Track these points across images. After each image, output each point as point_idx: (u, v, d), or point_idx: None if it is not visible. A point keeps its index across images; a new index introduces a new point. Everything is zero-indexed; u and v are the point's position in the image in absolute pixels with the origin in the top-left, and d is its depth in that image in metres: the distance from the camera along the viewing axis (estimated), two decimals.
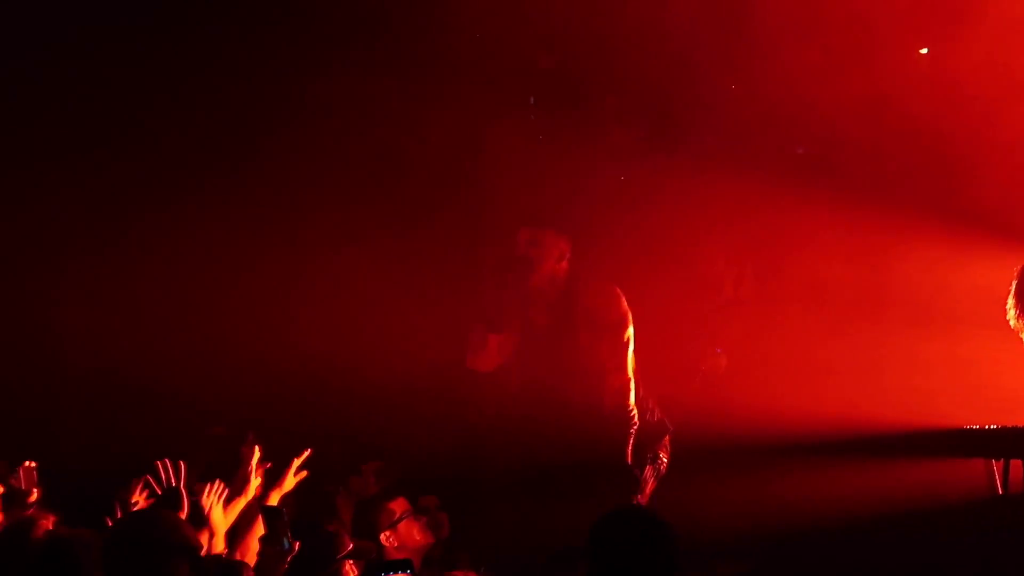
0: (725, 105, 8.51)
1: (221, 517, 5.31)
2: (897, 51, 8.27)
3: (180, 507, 5.22)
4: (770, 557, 6.80)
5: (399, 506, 6.66)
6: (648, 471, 6.91)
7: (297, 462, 5.84)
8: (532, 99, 8.64)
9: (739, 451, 7.02)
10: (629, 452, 6.73)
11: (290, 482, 5.83)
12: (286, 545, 5.21)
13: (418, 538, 6.60)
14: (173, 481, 5.29)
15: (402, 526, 6.63)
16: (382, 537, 6.50)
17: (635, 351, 6.86)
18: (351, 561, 5.57)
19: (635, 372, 6.83)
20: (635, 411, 6.76)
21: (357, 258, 8.21)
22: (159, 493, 5.25)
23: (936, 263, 7.80)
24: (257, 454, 5.60)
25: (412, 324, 8.03)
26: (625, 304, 6.89)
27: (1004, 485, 6.50)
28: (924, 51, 8.51)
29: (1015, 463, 6.46)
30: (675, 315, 7.89)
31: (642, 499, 6.77)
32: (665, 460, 6.88)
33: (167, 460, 5.31)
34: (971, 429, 6.55)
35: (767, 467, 7.00)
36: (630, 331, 6.82)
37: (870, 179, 8.08)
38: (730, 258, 8.52)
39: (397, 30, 8.35)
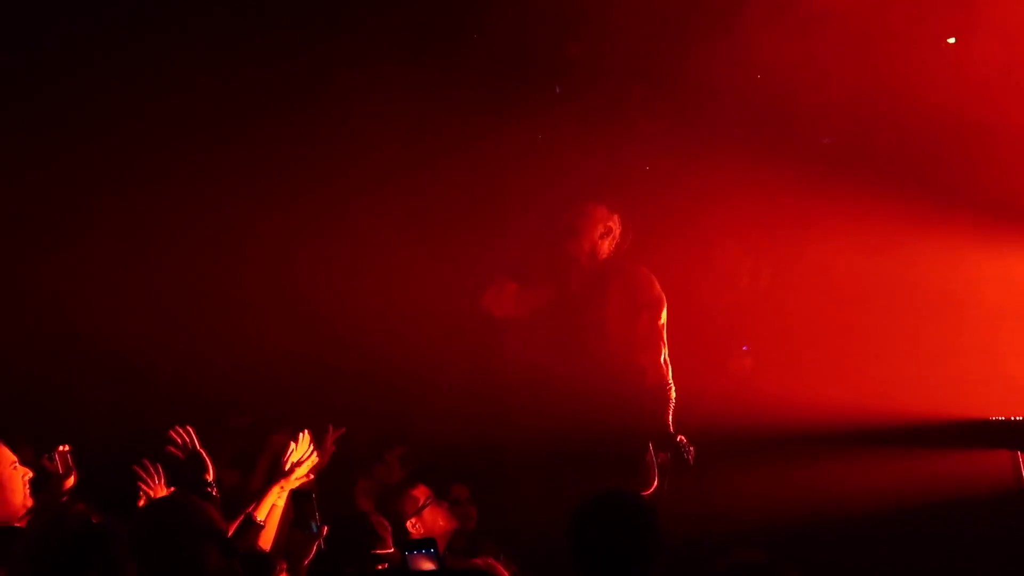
0: (750, 95, 8.49)
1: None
2: (923, 41, 8.24)
3: (205, 468, 5.23)
4: (792, 547, 6.80)
5: (421, 493, 6.70)
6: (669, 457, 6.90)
7: (330, 438, 5.82)
8: (558, 88, 8.65)
9: (762, 443, 7.02)
10: (670, 423, 6.69)
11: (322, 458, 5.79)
12: (315, 528, 5.24)
13: (442, 523, 6.64)
14: (190, 445, 5.30)
15: (427, 513, 6.67)
16: (408, 524, 6.54)
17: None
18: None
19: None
20: (673, 387, 6.75)
21: (375, 233, 8.22)
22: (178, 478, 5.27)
23: (963, 254, 7.77)
24: (303, 443, 5.57)
25: (431, 298, 8.05)
26: (659, 288, 6.93)
27: None
28: (952, 40, 8.47)
29: None
30: (699, 308, 7.88)
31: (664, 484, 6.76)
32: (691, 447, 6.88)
33: (178, 427, 5.32)
34: (996, 420, 6.55)
35: (791, 459, 6.99)
36: (664, 314, 6.84)
37: (895, 169, 8.05)
38: (747, 249, 8.50)
39: (425, 21, 8.36)
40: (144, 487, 5.29)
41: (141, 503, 5.24)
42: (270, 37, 8.31)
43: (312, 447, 5.61)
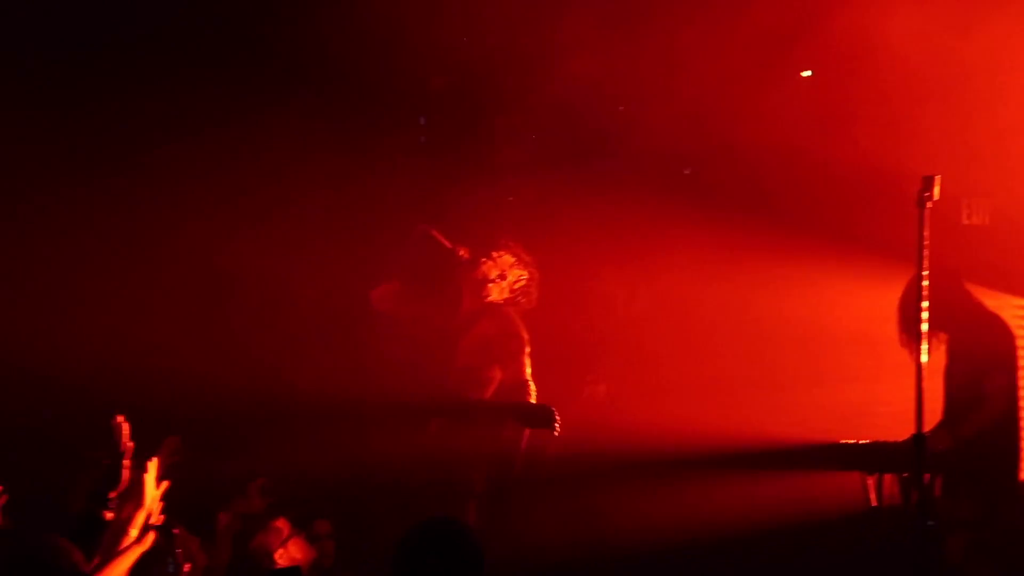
0: (614, 126, 8.64)
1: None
2: (779, 73, 8.46)
3: (116, 484, 5.02)
4: (649, 569, 6.91)
5: (284, 525, 6.68)
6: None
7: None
8: (422, 119, 8.73)
9: (617, 468, 7.11)
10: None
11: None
12: (171, 568, 5.11)
13: (299, 557, 6.63)
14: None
15: (291, 544, 6.65)
16: (276, 556, 6.52)
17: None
18: None
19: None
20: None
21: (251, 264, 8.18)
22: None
23: (821, 284, 8.00)
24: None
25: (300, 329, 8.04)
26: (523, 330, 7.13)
27: (878, 498, 6.68)
28: (807, 74, 8.71)
29: (887, 477, 6.65)
30: (561, 335, 7.98)
31: None
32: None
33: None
34: (848, 444, 6.72)
35: (645, 484, 7.09)
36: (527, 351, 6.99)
37: (754, 200, 8.25)
38: (621, 277, 8.63)
39: (287, 49, 8.35)
40: None
41: None
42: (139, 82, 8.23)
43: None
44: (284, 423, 7.46)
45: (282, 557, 6.58)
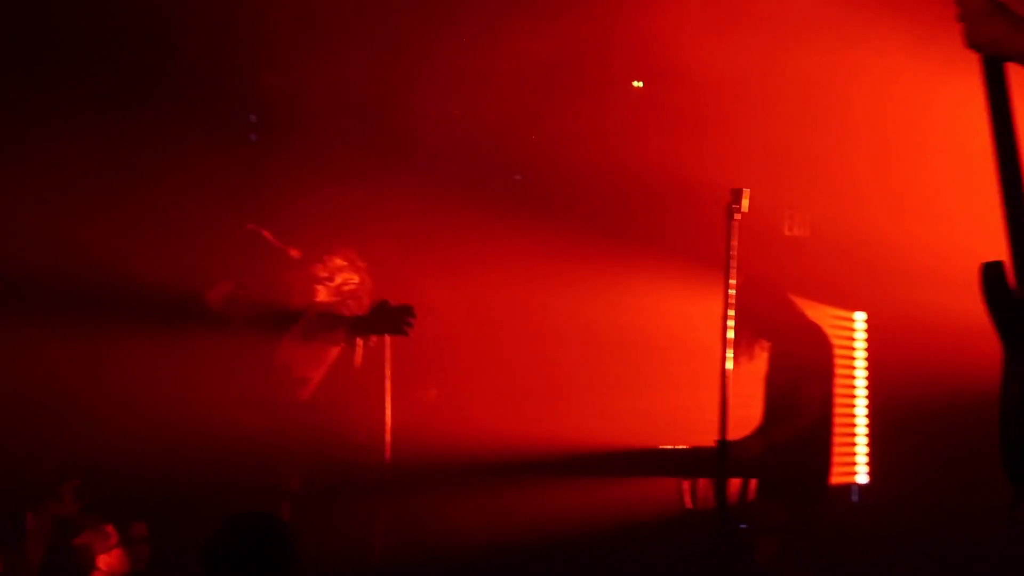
0: (447, 130, 8.66)
1: None
2: (610, 82, 8.58)
3: None
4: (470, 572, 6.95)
5: (112, 531, 6.57)
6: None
7: None
8: (253, 116, 8.63)
9: (446, 472, 7.12)
10: None
11: None
12: None
13: (115, 564, 6.54)
14: None
15: (114, 551, 6.55)
16: (100, 561, 6.41)
17: None
18: None
19: None
20: None
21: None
22: None
23: (643, 292, 8.13)
24: None
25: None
26: None
27: (693, 502, 6.82)
28: (638, 84, 8.85)
29: (702, 481, 6.79)
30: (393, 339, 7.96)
31: None
32: None
33: None
34: (665, 449, 6.85)
35: (472, 488, 7.12)
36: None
37: (583, 209, 8.36)
38: (451, 282, 8.64)
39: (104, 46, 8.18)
40: None
41: None
42: None
43: None
44: (94, 421, 7.31)
45: (106, 563, 6.47)
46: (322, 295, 7.40)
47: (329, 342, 7.05)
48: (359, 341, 7.03)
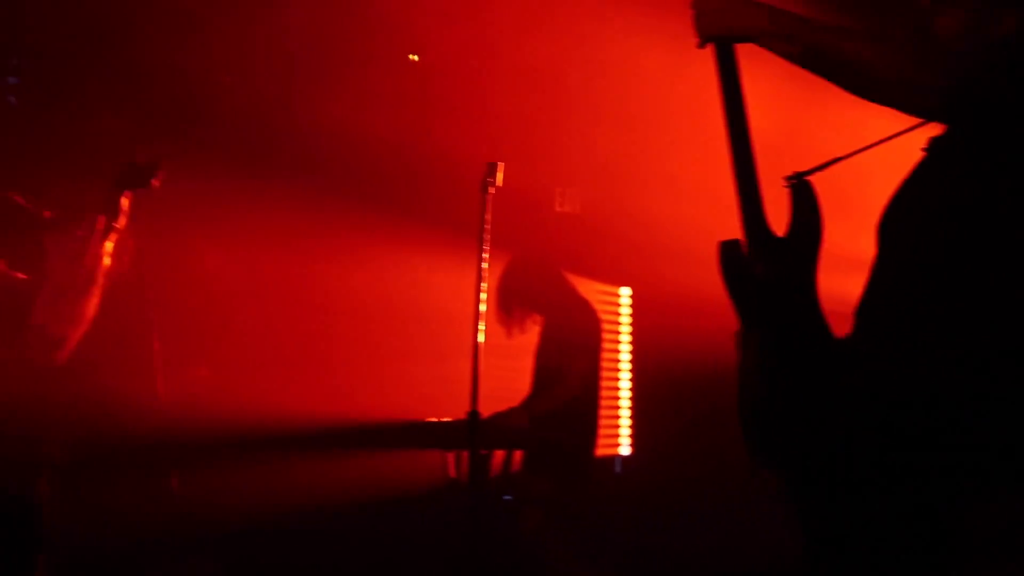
0: (217, 96, 8.50)
1: None
2: (387, 56, 8.55)
3: None
4: (240, 550, 6.87)
5: None
6: None
7: None
8: (13, 79, 8.31)
9: (214, 448, 7.00)
10: None
11: None
12: None
13: None
14: None
15: None
16: None
17: None
18: None
19: None
20: None
21: None
22: None
23: (412, 264, 8.17)
24: None
25: None
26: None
27: (458, 473, 6.89)
28: (414, 57, 8.83)
29: (465, 453, 6.86)
30: (164, 316, 7.80)
31: None
32: None
33: None
34: (427, 422, 6.90)
35: (238, 464, 7.02)
36: None
37: (352, 182, 8.30)
38: (213, 256, 8.49)
39: None
40: None
41: None
42: None
43: None
44: None
45: None
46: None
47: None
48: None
